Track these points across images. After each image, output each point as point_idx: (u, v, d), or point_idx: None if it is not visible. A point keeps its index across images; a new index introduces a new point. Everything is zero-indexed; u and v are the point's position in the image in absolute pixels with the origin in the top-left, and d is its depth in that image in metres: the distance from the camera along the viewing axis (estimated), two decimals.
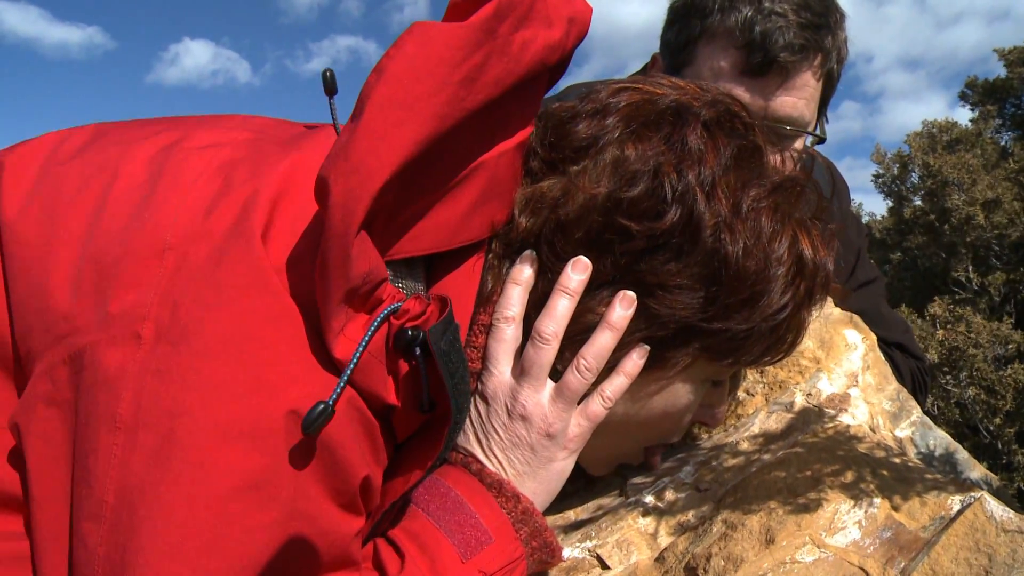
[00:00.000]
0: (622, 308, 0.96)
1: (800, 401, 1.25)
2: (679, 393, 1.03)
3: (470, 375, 0.98)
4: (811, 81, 1.57)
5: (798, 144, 1.63)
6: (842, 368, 1.32)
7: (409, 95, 0.80)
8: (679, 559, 1.01)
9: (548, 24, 0.93)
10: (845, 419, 1.22)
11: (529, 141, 0.99)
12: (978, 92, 10.69)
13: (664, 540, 1.07)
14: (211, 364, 0.77)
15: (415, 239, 0.88)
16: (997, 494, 1.17)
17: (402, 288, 0.89)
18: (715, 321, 0.95)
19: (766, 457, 1.14)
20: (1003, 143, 10.14)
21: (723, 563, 0.96)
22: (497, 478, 0.97)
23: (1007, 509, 0.95)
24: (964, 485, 1.07)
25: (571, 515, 1.19)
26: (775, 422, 1.23)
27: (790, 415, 1.23)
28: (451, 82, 0.82)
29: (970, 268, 7.01)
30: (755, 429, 1.22)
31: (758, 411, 1.25)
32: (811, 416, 1.22)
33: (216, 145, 0.93)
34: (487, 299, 0.99)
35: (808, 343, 1.33)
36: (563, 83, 1.92)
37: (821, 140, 1.65)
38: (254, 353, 0.78)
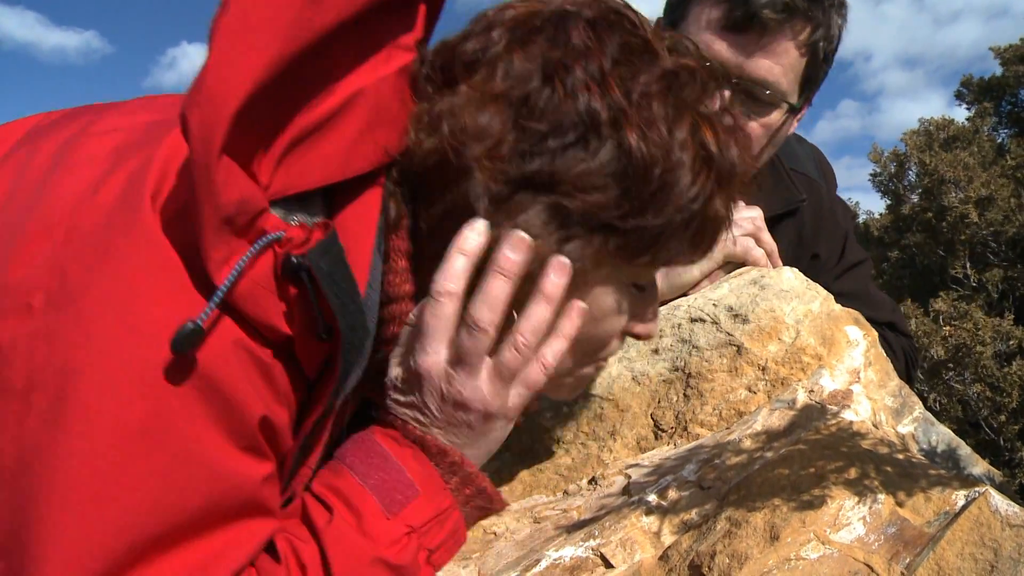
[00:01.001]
0: (556, 277, 0.94)
1: (803, 398, 1.24)
2: (601, 298, 1.02)
3: (406, 298, 0.99)
4: (791, 49, 1.55)
5: (774, 115, 1.59)
6: (844, 365, 1.32)
7: (252, 20, 0.81)
8: (683, 557, 1.01)
9: None
10: (848, 415, 1.22)
11: (415, 67, 0.99)
12: (974, 90, 10.70)
13: (668, 538, 1.06)
14: (97, 321, 0.79)
15: (303, 174, 0.88)
16: (1001, 489, 1.17)
17: (295, 223, 0.89)
18: (630, 218, 0.95)
19: (769, 454, 1.14)
20: (1000, 140, 10.15)
21: (728, 561, 0.96)
22: (421, 433, 0.97)
23: (1012, 504, 0.95)
24: (968, 480, 1.07)
25: (574, 514, 1.18)
26: (778, 419, 1.22)
27: (792, 412, 1.22)
28: (295, 3, 0.83)
29: (967, 265, 7.00)
30: (758, 426, 1.22)
31: (760, 408, 1.25)
32: (814, 413, 1.21)
33: (115, 130, 0.94)
34: (395, 225, 0.98)
35: (810, 340, 1.32)
36: None
37: (795, 111, 1.62)
38: (137, 305, 0.80)
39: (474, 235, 0.94)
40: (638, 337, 1.11)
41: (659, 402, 1.33)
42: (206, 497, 0.82)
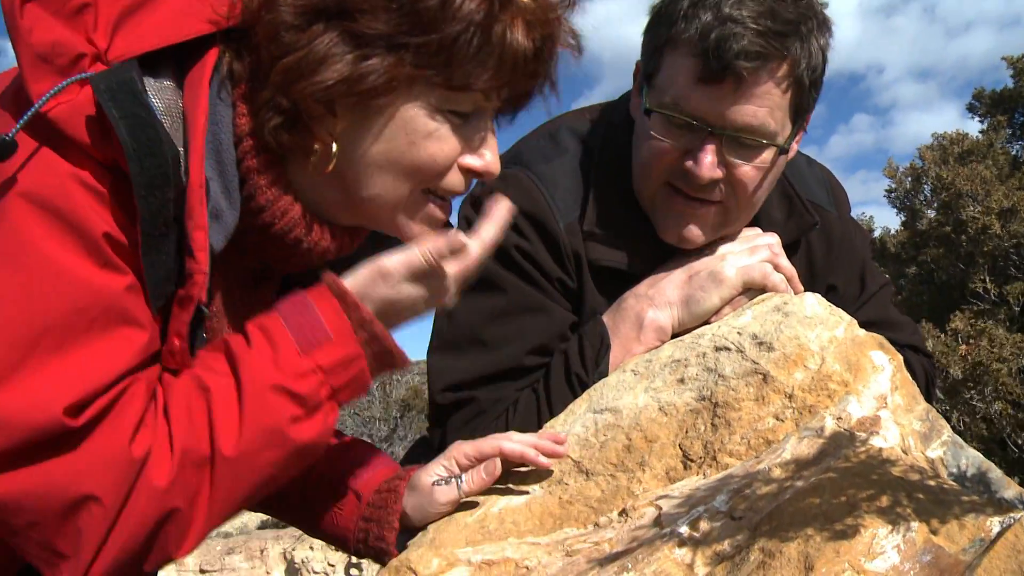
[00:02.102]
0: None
1: (831, 425, 1.25)
2: (413, 118, 1.15)
3: (248, 135, 1.13)
4: (773, 89, 1.54)
5: (765, 155, 1.59)
6: (870, 390, 1.32)
7: None
8: None
9: None
10: (876, 442, 1.22)
11: None
12: (986, 103, 10.68)
13: (701, 570, 1.07)
14: None
15: (139, 38, 1.05)
16: None
17: (147, 85, 1.05)
18: (415, 34, 1.09)
19: (799, 483, 1.14)
20: (1014, 152, 10.11)
21: None
22: (342, 287, 1.14)
23: None
24: (1002, 506, 1.07)
25: (606, 547, 1.19)
26: (807, 447, 1.22)
27: (821, 440, 1.23)
28: None
29: (987, 279, 6.95)
30: (787, 455, 1.22)
31: (789, 436, 1.25)
32: (842, 440, 1.21)
33: None
34: (236, 76, 1.13)
35: (835, 366, 1.33)
36: (574, 105, 1.94)
37: (784, 151, 1.62)
38: None
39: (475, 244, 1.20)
40: (473, 172, 1.23)
41: (687, 432, 1.34)
42: (70, 303, 0.97)
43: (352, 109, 1.13)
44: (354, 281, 1.17)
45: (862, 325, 1.47)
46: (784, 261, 1.60)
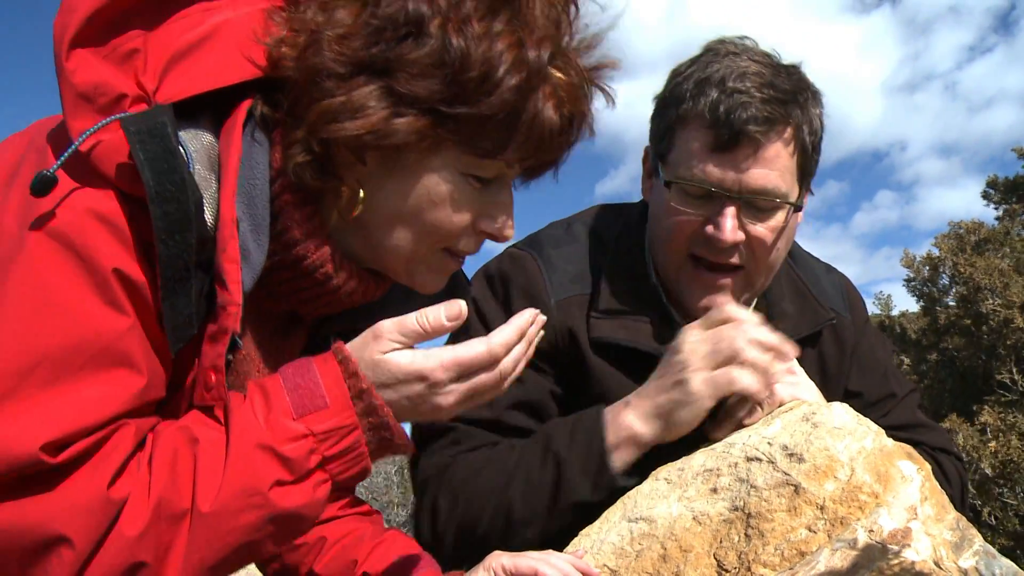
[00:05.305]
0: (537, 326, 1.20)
1: (863, 538, 1.27)
2: (438, 181, 1.17)
3: (284, 174, 1.15)
4: (783, 152, 1.67)
5: (779, 215, 1.70)
6: (900, 501, 1.35)
7: None
8: None
9: None
10: (909, 555, 1.24)
11: (283, 10, 1.18)
12: (1000, 190, 10.78)
13: None
14: (1, 225, 1.03)
15: (185, 83, 1.09)
16: None
17: (184, 134, 1.09)
18: (454, 104, 1.12)
19: None
20: None
21: None
22: (346, 353, 1.13)
23: None
24: None
25: None
26: (840, 560, 1.25)
27: (854, 552, 1.25)
28: None
29: (1015, 370, 6.91)
30: (821, 567, 1.24)
31: (822, 549, 1.28)
32: (875, 553, 1.24)
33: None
34: (271, 121, 1.16)
35: (865, 477, 1.36)
36: (599, 185, 2.05)
37: (798, 208, 1.74)
38: (12, 189, 1.05)
39: (538, 324, 1.21)
40: (486, 235, 1.25)
41: (721, 542, 1.37)
42: (69, 338, 0.99)
43: (380, 161, 1.16)
44: (352, 344, 1.15)
45: (893, 429, 1.50)
46: (754, 354, 1.56)
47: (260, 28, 1.15)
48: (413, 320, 1.14)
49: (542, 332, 1.24)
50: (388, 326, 1.14)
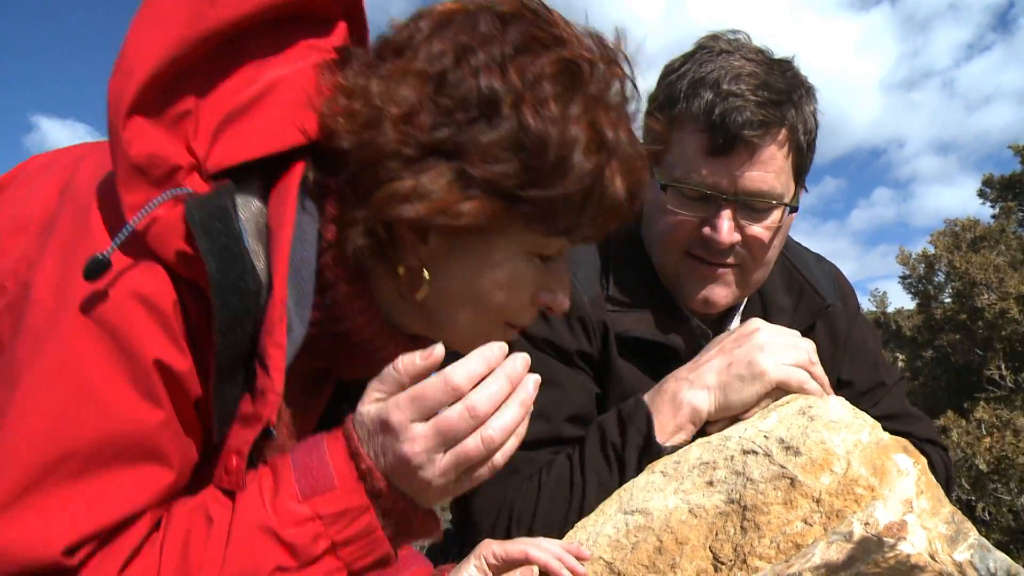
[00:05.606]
0: (521, 364, 1.07)
1: (859, 530, 1.27)
2: (502, 261, 1.13)
3: (333, 247, 1.11)
4: (777, 154, 1.67)
5: (775, 215, 1.71)
6: (896, 495, 1.35)
7: (158, 11, 1.01)
8: None
9: None
10: (904, 547, 1.24)
11: (339, 59, 1.13)
12: (996, 188, 10.81)
13: None
14: (37, 298, 0.97)
15: (236, 148, 1.04)
16: None
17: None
18: (529, 188, 1.06)
19: None
20: None
21: None
22: (351, 429, 1.05)
23: None
24: None
25: None
26: (836, 552, 1.25)
27: (850, 545, 1.25)
28: (194, 1, 1.02)
29: (1003, 365, 6.93)
30: (816, 560, 1.24)
31: (818, 541, 1.28)
32: (871, 546, 1.24)
33: (80, 152, 1.15)
34: (322, 189, 1.11)
35: (861, 470, 1.36)
36: None
37: (794, 209, 1.75)
38: (68, 269, 0.98)
39: (519, 363, 1.06)
40: (543, 306, 1.22)
41: (716, 535, 1.37)
42: (99, 432, 0.94)
43: (443, 241, 1.10)
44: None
45: (882, 419, 1.51)
46: (818, 370, 1.63)
47: (313, 90, 1.09)
48: (390, 368, 1.07)
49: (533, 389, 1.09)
50: (372, 381, 1.07)
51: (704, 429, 1.62)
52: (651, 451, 1.58)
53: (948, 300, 8.67)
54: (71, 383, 0.94)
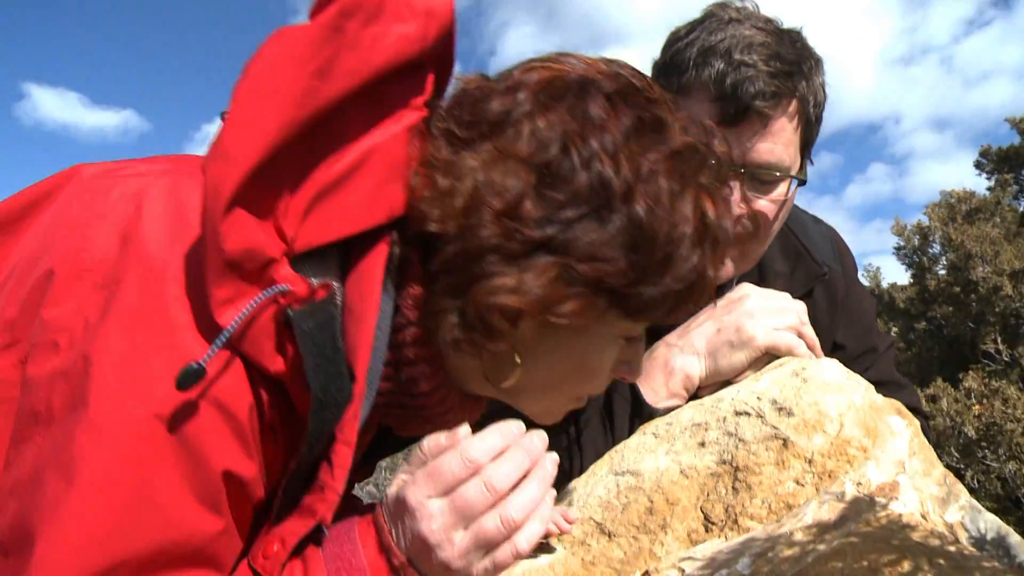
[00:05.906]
0: (552, 466, 1.04)
1: (851, 491, 1.27)
2: (589, 347, 1.11)
3: (414, 324, 1.06)
4: (787, 126, 1.64)
5: (782, 187, 1.69)
6: (888, 455, 1.34)
7: (267, 88, 0.91)
8: None
9: (401, 19, 1.01)
10: (896, 507, 1.24)
11: (427, 124, 1.07)
12: (992, 160, 10.78)
13: None
14: (100, 370, 0.89)
15: (326, 227, 0.98)
16: None
17: (312, 279, 0.98)
18: (635, 286, 1.02)
19: (821, 547, 1.16)
20: (1022, 209, 10.17)
21: None
22: (381, 520, 1.02)
23: None
24: (1022, 571, 1.09)
25: None
26: (828, 512, 1.25)
27: (842, 505, 1.25)
28: (304, 75, 0.92)
29: (999, 339, 6.96)
30: (808, 519, 1.24)
31: (810, 501, 1.28)
32: (863, 505, 1.24)
33: (140, 175, 1.05)
34: (406, 273, 1.06)
35: (854, 432, 1.36)
36: None
37: (803, 182, 1.73)
38: (135, 355, 0.90)
39: (537, 440, 1.04)
40: (619, 378, 1.20)
41: (708, 495, 1.36)
42: (156, 541, 0.89)
43: (537, 327, 1.05)
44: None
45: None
46: (808, 330, 1.63)
47: (405, 162, 1.03)
48: (417, 449, 1.05)
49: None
50: (402, 463, 1.07)
51: (696, 392, 1.62)
52: (642, 413, 1.58)
53: (943, 272, 8.69)
54: (132, 486, 0.88)
